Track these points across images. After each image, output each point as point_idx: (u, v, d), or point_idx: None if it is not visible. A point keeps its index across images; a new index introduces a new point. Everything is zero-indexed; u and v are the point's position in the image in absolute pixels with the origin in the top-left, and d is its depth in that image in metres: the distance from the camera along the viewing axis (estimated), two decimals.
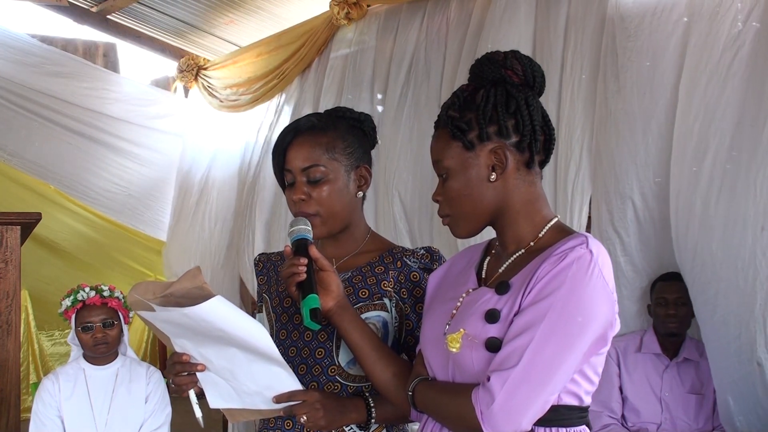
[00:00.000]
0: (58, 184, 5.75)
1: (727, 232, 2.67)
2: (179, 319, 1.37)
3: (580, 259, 1.23)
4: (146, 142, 5.98)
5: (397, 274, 1.66)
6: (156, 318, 1.43)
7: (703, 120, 2.74)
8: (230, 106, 5.53)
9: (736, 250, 2.64)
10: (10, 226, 2.57)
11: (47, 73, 5.46)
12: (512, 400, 1.21)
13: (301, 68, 4.88)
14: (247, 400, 1.52)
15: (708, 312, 2.78)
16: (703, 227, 2.74)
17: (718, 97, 2.70)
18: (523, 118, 1.33)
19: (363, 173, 1.68)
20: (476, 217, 1.36)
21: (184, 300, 1.35)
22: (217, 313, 1.35)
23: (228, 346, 1.43)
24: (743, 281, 2.62)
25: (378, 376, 1.50)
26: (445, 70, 3.79)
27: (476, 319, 1.30)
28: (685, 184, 2.80)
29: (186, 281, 1.37)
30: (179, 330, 1.44)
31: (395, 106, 4.02)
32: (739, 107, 2.66)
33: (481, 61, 1.38)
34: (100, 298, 2.91)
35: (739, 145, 2.64)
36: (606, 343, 1.29)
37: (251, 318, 1.41)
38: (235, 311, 1.37)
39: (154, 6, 5.39)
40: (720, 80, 2.69)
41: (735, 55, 2.67)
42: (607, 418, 3.09)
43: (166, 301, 1.39)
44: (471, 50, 3.61)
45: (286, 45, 4.94)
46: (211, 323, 1.36)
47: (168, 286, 1.39)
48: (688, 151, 2.79)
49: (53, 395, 2.90)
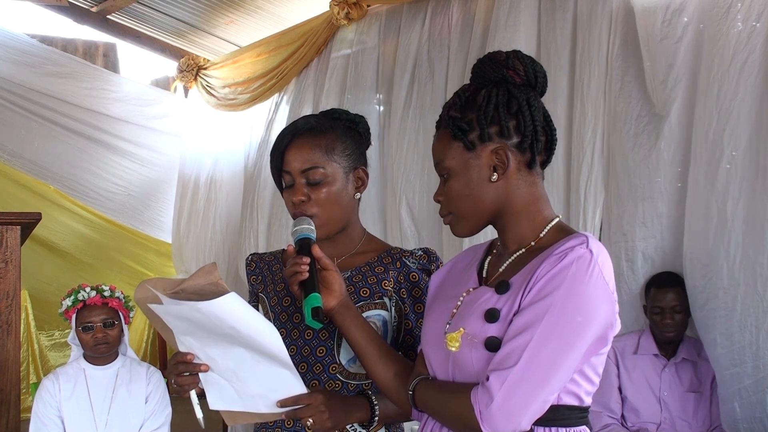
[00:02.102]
0: (58, 184, 5.76)
1: (746, 237, 2.65)
2: (189, 313, 1.37)
3: (579, 259, 1.23)
4: (146, 142, 5.99)
5: (397, 274, 1.66)
6: (165, 312, 1.42)
7: (718, 124, 2.72)
8: (228, 105, 5.54)
9: (754, 255, 2.63)
10: (10, 226, 2.58)
11: (47, 73, 5.47)
12: (511, 400, 1.21)
13: (300, 68, 4.88)
14: (249, 403, 1.51)
15: (720, 318, 2.76)
16: (720, 232, 2.72)
17: (731, 100, 2.69)
18: (525, 118, 1.33)
19: (360, 175, 1.69)
20: (476, 217, 1.36)
21: (196, 296, 1.35)
22: (231, 310, 1.34)
23: (235, 346, 1.42)
24: (762, 286, 2.61)
25: (380, 375, 1.50)
26: (449, 72, 3.79)
27: (476, 318, 1.30)
28: (701, 188, 2.78)
29: (200, 277, 1.36)
30: (187, 326, 1.43)
31: (401, 109, 4.01)
32: (753, 110, 2.65)
33: (483, 61, 1.38)
34: (100, 298, 2.91)
35: (756, 148, 2.63)
36: (606, 343, 1.29)
37: (264, 318, 1.41)
38: (249, 310, 1.37)
39: (154, 6, 5.39)
40: (733, 83, 2.68)
41: (747, 57, 2.66)
42: (607, 418, 3.09)
43: (178, 297, 1.38)
44: (475, 52, 3.61)
45: (286, 45, 4.95)
46: (223, 320, 1.35)
47: (180, 282, 1.39)
48: (704, 155, 2.77)
49: (53, 395, 2.90)
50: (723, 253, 2.72)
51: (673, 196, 2.97)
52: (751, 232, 2.64)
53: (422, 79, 3.94)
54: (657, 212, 3.01)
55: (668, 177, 2.97)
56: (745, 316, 2.67)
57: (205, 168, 5.78)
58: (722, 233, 2.71)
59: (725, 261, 2.71)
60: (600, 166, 3.15)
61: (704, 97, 2.77)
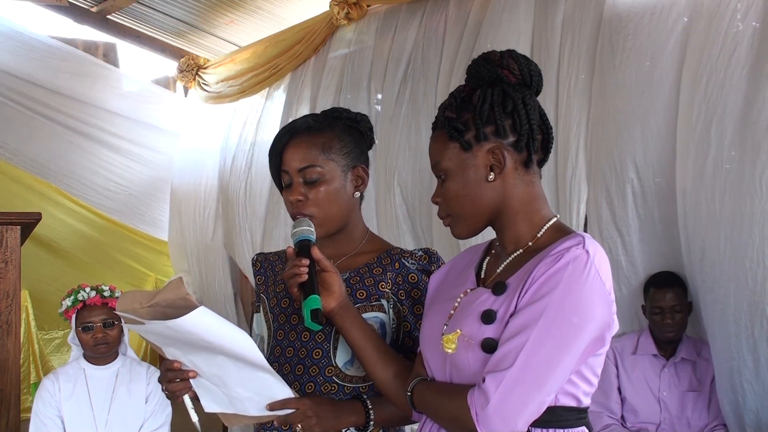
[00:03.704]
0: (60, 182, 5.75)
1: (735, 231, 2.66)
2: (165, 331, 1.37)
3: (576, 260, 1.23)
4: (147, 141, 5.98)
5: (395, 275, 1.66)
6: (144, 330, 1.43)
7: (705, 119, 2.73)
8: (217, 98, 5.50)
9: (743, 249, 2.64)
10: (10, 226, 2.58)
11: (51, 68, 5.44)
12: (507, 402, 1.21)
13: (295, 65, 4.85)
14: (239, 406, 1.51)
15: (717, 311, 2.77)
16: (710, 226, 2.73)
17: (717, 96, 2.70)
18: (521, 117, 1.33)
19: (360, 173, 1.68)
20: (475, 218, 1.36)
21: (170, 310, 1.35)
22: (201, 325, 1.34)
23: (216, 355, 1.42)
24: (752, 280, 2.62)
25: (379, 376, 1.50)
26: (441, 68, 3.79)
27: (473, 319, 1.30)
28: (690, 183, 2.80)
29: (169, 292, 1.37)
30: (167, 340, 1.45)
31: (393, 104, 4.02)
32: (739, 105, 2.66)
33: (478, 62, 1.38)
34: (100, 298, 2.91)
35: (742, 143, 2.64)
36: (604, 344, 1.29)
37: (235, 327, 1.40)
38: (219, 321, 1.37)
39: (154, 6, 5.38)
40: (719, 78, 2.69)
41: (732, 52, 2.67)
42: (608, 419, 3.09)
43: (153, 311, 1.38)
44: (468, 47, 3.61)
45: (282, 40, 4.92)
46: (196, 334, 1.36)
47: (154, 295, 1.39)
48: (692, 150, 2.78)
49: (53, 395, 2.91)
50: (713, 248, 2.73)
51: (660, 192, 2.97)
52: (739, 227, 2.65)
53: (416, 76, 3.94)
54: (645, 208, 3.02)
55: (656, 173, 2.98)
56: (739, 310, 2.68)
57: (204, 166, 5.76)
58: (712, 228, 2.72)
59: (716, 255, 2.72)
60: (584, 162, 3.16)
61: (692, 93, 2.78)
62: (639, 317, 3.19)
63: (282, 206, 4.07)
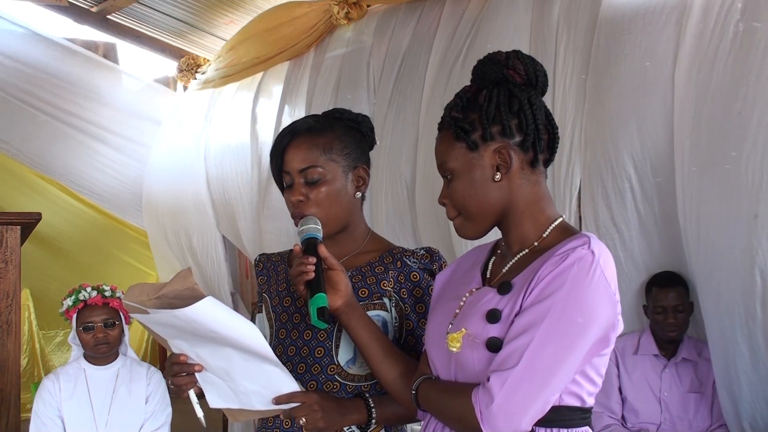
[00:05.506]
0: (64, 180, 5.74)
1: (723, 221, 2.68)
2: (171, 321, 1.37)
3: (581, 260, 1.23)
4: (150, 140, 5.97)
5: (397, 274, 1.66)
6: (150, 321, 1.43)
7: (695, 112, 2.75)
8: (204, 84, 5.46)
9: (732, 239, 2.66)
10: (10, 226, 2.58)
11: (55, 67, 5.43)
12: (511, 401, 1.21)
13: (288, 56, 4.82)
14: (245, 400, 1.51)
15: (712, 302, 2.78)
16: (703, 218, 2.75)
17: (705, 89, 2.72)
18: (527, 117, 1.33)
19: (361, 174, 1.69)
20: (483, 218, 1.37)
21: (177, 301, 1.35)
22: (208, 314, 1.34)
23: (222, 347, 1.42)
24: (743, 269, 2.63)
25: (385, 375, 1.50)
26: (430, 63, 3.79)
27: (478, 318, 1.30)
28: (685, 178, 2.81)
29: (177, 283, 1.36)
30: (174, 332, 1.44)
31: (386, 103, 4.02)
32: (726, 97, 2.67)
33: (483, 62, 1.38)
34: (101, 298, 2.91)
35: (729, 135, 2.66)
36: (608, 344, 1.29)
37: (243, 318, 1.40)
38: (227, 311, 1.37)
39: (154, 6, 5.38)
40: (708, 71, 2.71)
41: (718, 45, 2.69)
42: (608, 419, 3.09)
43: (160, 303, 1.38)
44: (459, 44, 3.62)
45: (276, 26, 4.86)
46: (203, 324, 1.35)
47: (161, 287, 1.39)
48: (686, 144, 2.80)
49: (54, 395, 2.91)
50: (707, 239, 2.74)
51: (658, 188, 2.98)
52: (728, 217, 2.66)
53: (409, 73, 3.94)
54: (644, 204, 3.02)
55: (653, 169, 2.98)
56: (732, 301, 2.69)
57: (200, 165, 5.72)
58: (705, 220, 2.74)
59: (710, 246, 2.73)
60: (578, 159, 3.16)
61: (686, 88, 2.79)
62: (640, 316, 3.19)
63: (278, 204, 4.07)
